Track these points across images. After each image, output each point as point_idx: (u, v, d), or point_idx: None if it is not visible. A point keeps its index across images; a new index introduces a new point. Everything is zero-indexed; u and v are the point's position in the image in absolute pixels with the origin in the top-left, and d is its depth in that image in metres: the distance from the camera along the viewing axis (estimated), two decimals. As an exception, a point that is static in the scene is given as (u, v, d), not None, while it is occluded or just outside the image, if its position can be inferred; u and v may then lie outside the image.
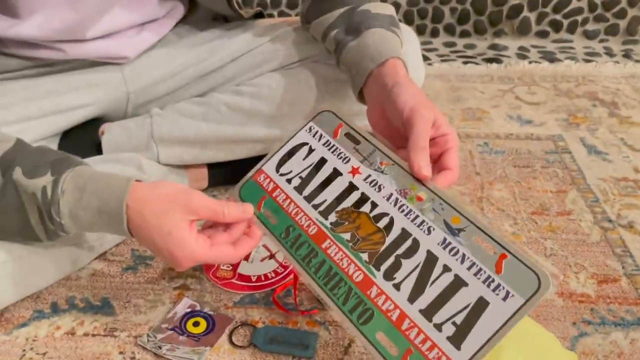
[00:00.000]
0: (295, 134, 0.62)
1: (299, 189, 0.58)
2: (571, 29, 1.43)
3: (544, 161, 0.94)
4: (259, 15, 0.84)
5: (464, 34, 1.45)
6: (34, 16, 0.64)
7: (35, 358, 0.60)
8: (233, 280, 0.68)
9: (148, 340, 0.60)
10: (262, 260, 0.71)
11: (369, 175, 0.54)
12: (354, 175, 0.55)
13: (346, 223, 0.53)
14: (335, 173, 0.57)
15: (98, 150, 0.76)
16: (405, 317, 0.48)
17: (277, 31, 0.79)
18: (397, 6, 1.42)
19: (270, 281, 0.68)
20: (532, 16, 1.42)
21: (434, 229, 0.49)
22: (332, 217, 0.54)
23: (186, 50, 0.79)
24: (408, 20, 1.44)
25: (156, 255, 0.55)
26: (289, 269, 0.69)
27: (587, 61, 1.32)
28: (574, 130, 1.04)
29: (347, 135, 0.60)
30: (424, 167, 0.54)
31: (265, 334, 0.61)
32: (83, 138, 0.77)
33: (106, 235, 0.70)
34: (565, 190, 0.87)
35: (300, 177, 0.58)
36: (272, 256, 0.72)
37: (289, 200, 0.57)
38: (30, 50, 0.69)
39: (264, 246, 0.73)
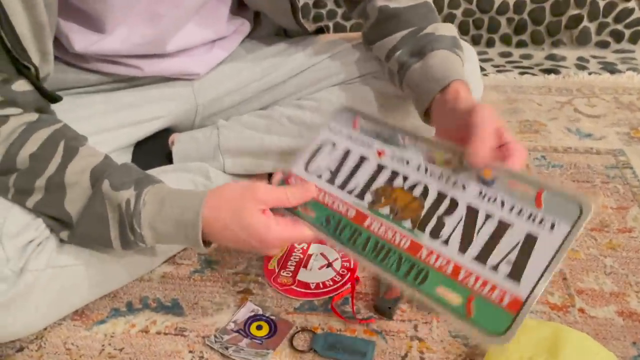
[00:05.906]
0: (317, 135, 0.65)
1: (331, 180, 0.61)
2: (633, 39, 1.40)
3: (604, 176, 0.93)
4: (320, 31, 0.87)
5: (521, 44, 1.44)
6: (117, 30, 0.69)
7: (113, 353, 0.64)
8: (293, 287, 0.71)
9: (215, 341, 0.64)
10: (320, 268, 0.74)
11: (395, 153, 0.57)
12: (380, 157, 0.58)
13: (382, 199, 0.56)
14: (362, 159, 0.60)
15: (168, 159, 0.81)
16: (460, 268, 0.50)
17: (338, 48, 0.82)
18: (452, 17, 1.42)
19: (328, 289, 0.71)
20: (592, 26, 1.39)
21: (468, 185, 0.52)
22: (368, 197, 0.57)
23: (251, 65, 0.82)
24: (463, 30, 1.44)
25: (245, 250, 0.60)
26: (345, 278, 0.72)
27: (650, 72, 1.28)
28: (635, 144, 1.01)
29: (366, 124, 0.63)
30: (474, 154, 0.52)
31: (325, 340, 0.64)
32: (155, 148, 0.82)
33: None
34: (626, 207, 0.86)
35: (330, 170, 0.62)
36: (329, 264, 0.75)
37: (323, 193, 0.60)
38: (110, 66, 0.75)
39: (322, 254, 0.76)
